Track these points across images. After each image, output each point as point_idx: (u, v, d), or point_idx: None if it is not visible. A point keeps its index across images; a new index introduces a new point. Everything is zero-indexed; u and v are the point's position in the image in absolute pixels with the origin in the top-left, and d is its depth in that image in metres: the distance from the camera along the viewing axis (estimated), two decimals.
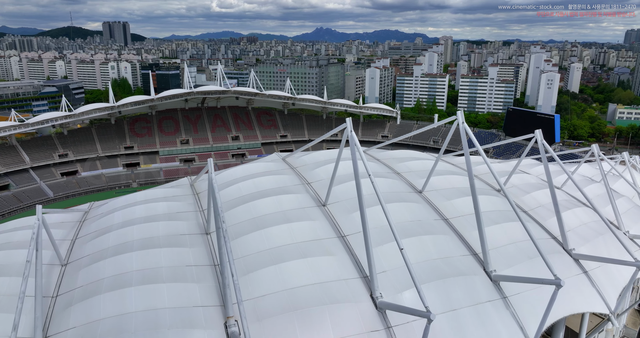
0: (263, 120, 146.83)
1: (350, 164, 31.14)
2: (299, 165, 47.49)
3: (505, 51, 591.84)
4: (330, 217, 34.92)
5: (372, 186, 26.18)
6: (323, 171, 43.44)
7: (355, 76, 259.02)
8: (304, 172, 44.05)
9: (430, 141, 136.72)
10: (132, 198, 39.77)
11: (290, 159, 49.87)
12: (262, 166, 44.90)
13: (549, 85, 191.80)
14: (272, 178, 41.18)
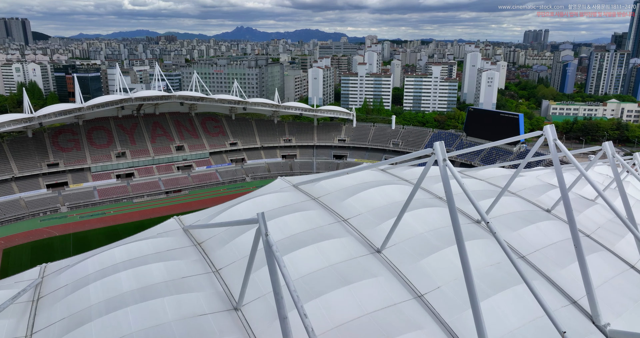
0: (209, 127, 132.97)
1: (386, 190, 28.22)
2: (321, 194, 37.87)
3: (425, 50, 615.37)
4: (394, 270, 26.15)
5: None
6: (357, 201, 35.02)
7: (294, 76, 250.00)
8: (331, 204, 34.94)
9: (390, 144, 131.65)
10: (109, 257, 28.63)
11: (306, 187, 39.79)
12: (275, 199, 35.03)
13: (489, 83, 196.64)
14: (299, 217, 31.91)
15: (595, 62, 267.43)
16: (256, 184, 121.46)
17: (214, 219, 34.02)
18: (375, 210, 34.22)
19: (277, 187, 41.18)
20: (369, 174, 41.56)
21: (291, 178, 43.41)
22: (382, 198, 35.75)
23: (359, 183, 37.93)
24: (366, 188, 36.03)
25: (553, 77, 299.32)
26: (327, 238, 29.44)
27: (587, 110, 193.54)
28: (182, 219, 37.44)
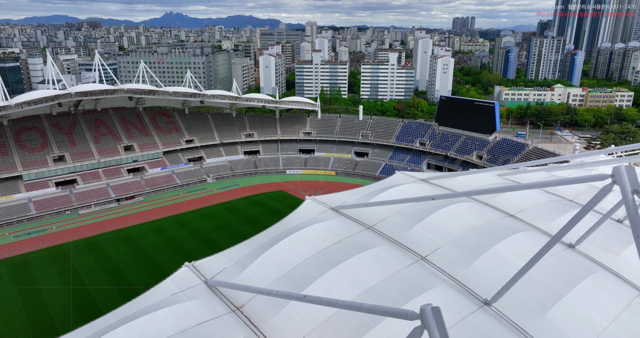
0: (160, 123, 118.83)
1: (456, 212, 24.82)
2: (374, 221, 30.23)
3: (364, 37, 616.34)
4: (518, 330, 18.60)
5: None
6: (426, 230, 28.53)
7: (241, 64, 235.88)
8: (396, 235, 27.60)
9: (359, 136, 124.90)
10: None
11: (351, 212, 31.69)
12: (323, 233, 27.66)
13: (445, 70, 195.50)
14: (369, 260, 25.67)
15: (535, 48, 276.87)
16: (219, 185, 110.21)
17: (246, 271, 24.88)
18: (455, 241, 26.77)
19: (312, 212, 32.34)
20: (415, 188, 33.82)
21: (323, 198, 34.74)
22: (455, 222, 28.10)
23: (410, 201, 30.03)
24: (430, 210, 28.32)
25: (495, 63, 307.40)
26: (418, 291, 22.05)
27: (536, 95, 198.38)
28: (199, 267, 28.27)
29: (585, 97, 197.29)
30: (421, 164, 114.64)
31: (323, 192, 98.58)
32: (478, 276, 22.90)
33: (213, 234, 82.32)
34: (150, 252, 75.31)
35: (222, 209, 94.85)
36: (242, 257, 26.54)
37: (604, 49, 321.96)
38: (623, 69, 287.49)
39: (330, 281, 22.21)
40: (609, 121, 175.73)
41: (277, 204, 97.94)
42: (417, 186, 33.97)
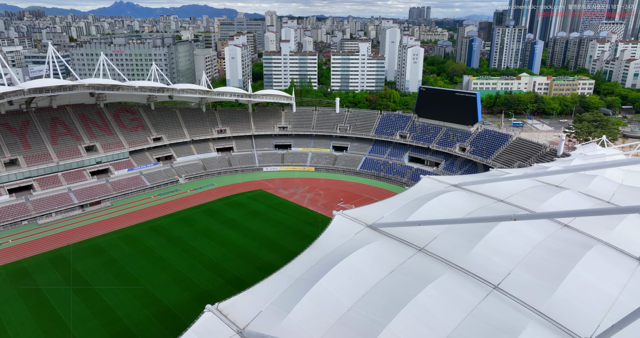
0: (124, 120, 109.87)
1: (515, 226, 22.33)
2: (424, 241, 26.67)
3: (324, 27, 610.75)
4: None
5: None
6: (488, 250, 25.79)
7: (203, 55, 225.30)
8: (455, 258, 23.90)
9: (337, 129, 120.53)
10: None
11: (393, 230, 27.77)
12: (370, 260, 24.65)
13: (415, 60, 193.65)
14: (435, 293, 23.56)
15: (497, 37, 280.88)
16: (193, 186, 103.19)
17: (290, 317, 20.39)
18: (525, 264, 23.42)
19: (347, 231, 28.03)
20: (459, 198, 29.80)
21: (354, 213, 30.41)
22: (518, 240, 24.31)
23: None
24: (486, 226, 24.37)
25: (459, 52, 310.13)
26: (509, 335, 18.32)
27: (504, 84, 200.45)
28: (226, 311, 23.35)
29: (549, 85, 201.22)
30: (402, 158, 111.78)
31: (305, 190, 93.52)
32: (566, 308, 19.07)
33: (193, 241, 75.99)
34: (125, 265, 68.30)
35: (199, 213, 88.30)
36: (279, 296, 21.65)
37: (560, 38, 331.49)
38: (579, 58, 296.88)
39: (402, 328, 17.72)
40: (574, 109, 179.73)
41: (258, 204, 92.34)
42: (459, 196, 29.93)
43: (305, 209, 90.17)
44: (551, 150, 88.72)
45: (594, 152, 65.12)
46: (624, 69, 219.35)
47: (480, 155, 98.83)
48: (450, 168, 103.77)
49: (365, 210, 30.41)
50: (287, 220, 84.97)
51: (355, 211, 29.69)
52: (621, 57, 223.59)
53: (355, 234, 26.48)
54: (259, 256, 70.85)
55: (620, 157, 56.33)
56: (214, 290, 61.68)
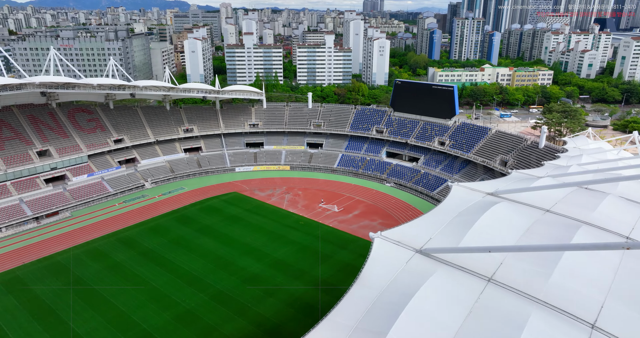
0: (81, 121, 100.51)
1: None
2: (489, 269, 22.69)
3: (280, 19, 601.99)
4: None
5: None
6: (569, 278, 22.21)
7: (160, 49, 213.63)
8: (532, 290, 20.11)
9: (310, 126, 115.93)
10: None
11: (449, 256, 23.77)
12: (435, 297, 19.88)
13: (381, 52, 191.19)
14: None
15: (457, 29, 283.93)
16: (161, 190, 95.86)
17: None
18: (617, 294, 19.83)
19: (396, 259, 23.63)
20: (511, 212, 26.23)
21: (394, 235, 25.95)
22: (593, 261, 20.96)
23: (510, 230, 22.68)
24: (555, 247, 20.79)
25: (420, 45, 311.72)
26: None
27: (468, 76, 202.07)
28: None
29: (512, 76, 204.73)
30: (380, 153, 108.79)
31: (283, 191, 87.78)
32: None
33: (168, 253, 69.57)
34: (92, 284, 61.22)
35: (171, 220, 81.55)
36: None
37: (514, 30, 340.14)
38: (533, 49, 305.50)
39: None
40: (536, 100, 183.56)
41: (235, 209, 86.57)
42: (507, 208, 26.27)
43: (286, 212, 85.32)
44: (533, 143, 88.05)
45: (587, 145, 64.01)
46: (579, 59, 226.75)
47: (460, 149, 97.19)
48: (429, 162, 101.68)
49: (405, 230, 26.11)
50: (267, 225, 79.87)
51: (395, 233, 25.36)
52: (576, 48, 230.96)
53: (406, 263, 22.24)
54: (242, 267, 65.58)
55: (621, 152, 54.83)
56: (197, 308, 56.08)
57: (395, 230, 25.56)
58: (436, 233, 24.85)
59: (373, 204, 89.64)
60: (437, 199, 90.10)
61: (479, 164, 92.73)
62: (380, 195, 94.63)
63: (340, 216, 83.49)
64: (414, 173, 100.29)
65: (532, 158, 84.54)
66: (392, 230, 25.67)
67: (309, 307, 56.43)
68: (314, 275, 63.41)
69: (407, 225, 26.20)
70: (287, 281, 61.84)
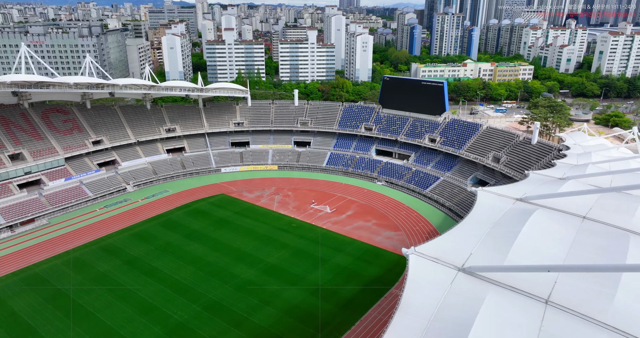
0: (56, 122, 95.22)
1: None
2: (546, 289, 20.30)
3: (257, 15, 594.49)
4: None
5: None
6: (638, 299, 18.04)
7: (136, 46, 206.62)
8: (596, 312, 17.52)
9: (297, 124, 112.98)
10: None
11: (496, 275, 20.83)
12: (491, 325, 16.53)
13: (364, 48, 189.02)
14: None
15: (437, 24, 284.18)
16: (144, 194, 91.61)
17: None
18: None
19: (440, 280, 21.37)
20: (553, 223, 24.17)
21: (429, 251, 23.41)
22: None
23: (556, 243, 20.57)
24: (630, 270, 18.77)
25: (400, 40, 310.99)
26: None
27: (451, 71, 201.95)
28: None
29: (494, 71, 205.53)
30: (370, 151, 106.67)
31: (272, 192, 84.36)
32: None
33: (155, 261, 65.94)
34: (75, 297, 57.26)
35: (156, 226, 77.68)
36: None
37: (492, 25, 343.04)
38: (511, 44, 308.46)
39: None
40: (519, 94, 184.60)
41: (223, 211, 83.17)
42: (545, 217, 24.13)
43: (277, 214, 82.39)
44: (525, 139, 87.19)
45: (586, 142, 63.00)
46: (558, 54, 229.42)
47: (452, 146, 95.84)
48: (420, 160, 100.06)
49: (441, 244, 23.60)
50: (259, 228, 76.83)
51: (430, 248, 22.85)
52: (554, 43, 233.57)
53: (451, 284, 19.80)
54: (235, 274, 62.52)
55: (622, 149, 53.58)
56: (190, 320, 52.86)
57: (429, 244, 23.06)
58: (475, 247, 22.41)
59: (366, 203, 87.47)
60: (430, 197, 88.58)
61: (471, 161, 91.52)
62: (372, 194, 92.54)
63: (333, 217, 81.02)
64: (405, 170, 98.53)
65: (525, 155, 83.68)
66: (426, 245, 23.15)
67: (308, 315, 53.91)
68: (312, 281, 60.89)
69: (441, 237, 23.76)
70: (284, 288, 59.13)
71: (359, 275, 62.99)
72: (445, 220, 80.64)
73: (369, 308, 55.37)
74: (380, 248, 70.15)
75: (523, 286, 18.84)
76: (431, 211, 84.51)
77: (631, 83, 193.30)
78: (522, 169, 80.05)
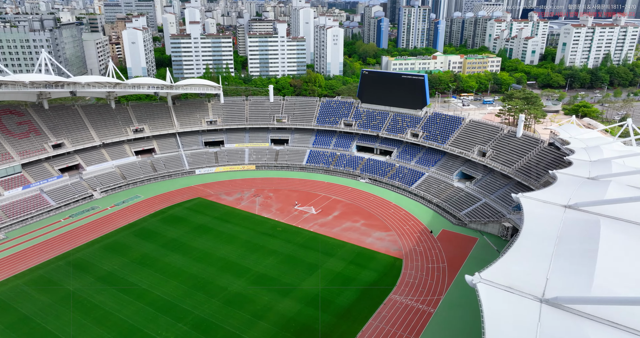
0: (9, 124, 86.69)
1: None
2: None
3: (218, 8, 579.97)
4: None
5: None
6: None
7: (94, 41, 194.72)
8: None
9: (273, 121, 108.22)
10: None
11: (589, 308, 16.49)
12: None
13: (335, 41, 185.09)
14: None
15: (404, 17, 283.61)
16: (113, 200, 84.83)
17: None
18: None
19: (522, 316, 18.14)
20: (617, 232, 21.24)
21: (499, 278, 19.79)
22: None
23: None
24: None
25: (367, 33, 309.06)
26: None
27: (421, 64, 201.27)
28: None
29: (463, 64, 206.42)
30: (350, 148, 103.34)
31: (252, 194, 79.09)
32: None
33: (131, 275, 60.23)
34: (43, 323, 51.07)
35: (130, 236, 71.57)
36: None
37: (457, 18, 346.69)
38: (476, 36, 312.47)
39: None
40: (489, 86, 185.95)
41: (202, 217, 77.81)
42: (614, 228, 21.14)
43: (260, 218, 77.82)
44: (510, 132, 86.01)
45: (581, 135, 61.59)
46: (523, 46, 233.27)
47: (435, 140, 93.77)
48: (404, 155, 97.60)
49: (507, 269, 20.06)
50: (242, 233, 72.12)
51: (497, 274, 19.29)
52: (519, 35, 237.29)
53: (539, 322, 16.17)
54: (222, 286, 57.81)
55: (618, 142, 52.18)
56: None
57: (495, 268, 19.48)
58: (550, 271, 18.90)
59: (351, 203, 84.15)
60: (416, 194, 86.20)
61: (455, 156, 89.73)
62: (356, 193, 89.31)
63: (319, 219, 77.24)
64: (389, 167, 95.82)
65: (511, 148, 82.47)
66: (491, 270, 19.55)
67: (306, 328, 50.07)
68: (305, 290, 56.99)
69: (505, 259, 20.25)
70: (277, 300, 54.99)
71: (354, 280, 59.63)
72: (435, 218, 78.43)
73: (369, 317, 52.10)
74: (373, 250, 67.03)
75: (621, 319, 15.54)
76: (419, 209, 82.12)
77: (593, 74, 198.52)
78: (509, 164, 78.83)
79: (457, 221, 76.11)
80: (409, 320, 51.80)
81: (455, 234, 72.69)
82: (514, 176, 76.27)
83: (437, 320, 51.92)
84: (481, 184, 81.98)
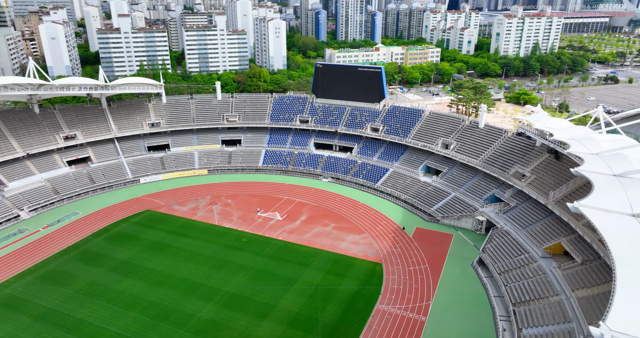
0: None
1: None
2: None
3: (142, 1, 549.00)
4: None
5: None
6: None
7: (4, 36, 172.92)
8: None
9: (224, 120, 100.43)
10: None
11: None
12: None
13: (277, 34, 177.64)
14: None
15: (342, 9, 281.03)
16: (45, 220, 73.67)
17: None
18: None
19: None
20: None
21: (630, 325, 14.60)
22: None
23: None
24: None
25: (305, 26, 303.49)
26: None
27: (365, 56, 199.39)
28: None
29: (405, 55, 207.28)
30: (308, 145, 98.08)
31: (208, 202, 71.20)
32: None
33: (79, 310, 51.28)
34: None
35: (71, 261, 61.78)
36: None
37: (391, 9, 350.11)
38: (411, 28, 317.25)
39: None
40: (432, 77, 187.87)
41: (154, 232, 69.23)
42: None
43: (221, 228, 70.68)
44: (472, 123, 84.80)
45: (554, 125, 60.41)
46: (459, 37, 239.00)
47: (397, 134, 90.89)
48: (365, 151, 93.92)
49: (631, 311, 15.30)
50: (204, 248, 64.75)
51: (625, 322, 14.80)
52: (455, 26, 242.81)
53: None
54: (190, 313, 50.66)
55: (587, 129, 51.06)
56: None
57: (618, 313, 15.02)
58: None
59: (318, 205, 79.11)
60: (383, 191, 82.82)
61: (418, 149, 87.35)
62: (321, 193, 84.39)
63: (287, 225, 71.52)
64: (351, 164, 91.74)
65: (474, 139, 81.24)
66: (615, 315, 15.13)
67: None
68: (285, 309, 51.33)
69: (619, 297, 15.86)
70: (255, 323, 48.90)
71: (336, 292, 54.81)
72: (406, 215, 75.42)
73: (359, 334, 47.61)
74: (350, 256, 62.58)
75: None
76: (389, 207, 78.78)
77: (526, 62, 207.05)
78: (475, 155, 77.46)
79: (429, 218, 73.56)
80: (402, 332, 47.95)
81: (430, 231, 70.04)
82: (482, 167, 74.92)
83: (431, 328, 48.55)
84: (448, 178, 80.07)
